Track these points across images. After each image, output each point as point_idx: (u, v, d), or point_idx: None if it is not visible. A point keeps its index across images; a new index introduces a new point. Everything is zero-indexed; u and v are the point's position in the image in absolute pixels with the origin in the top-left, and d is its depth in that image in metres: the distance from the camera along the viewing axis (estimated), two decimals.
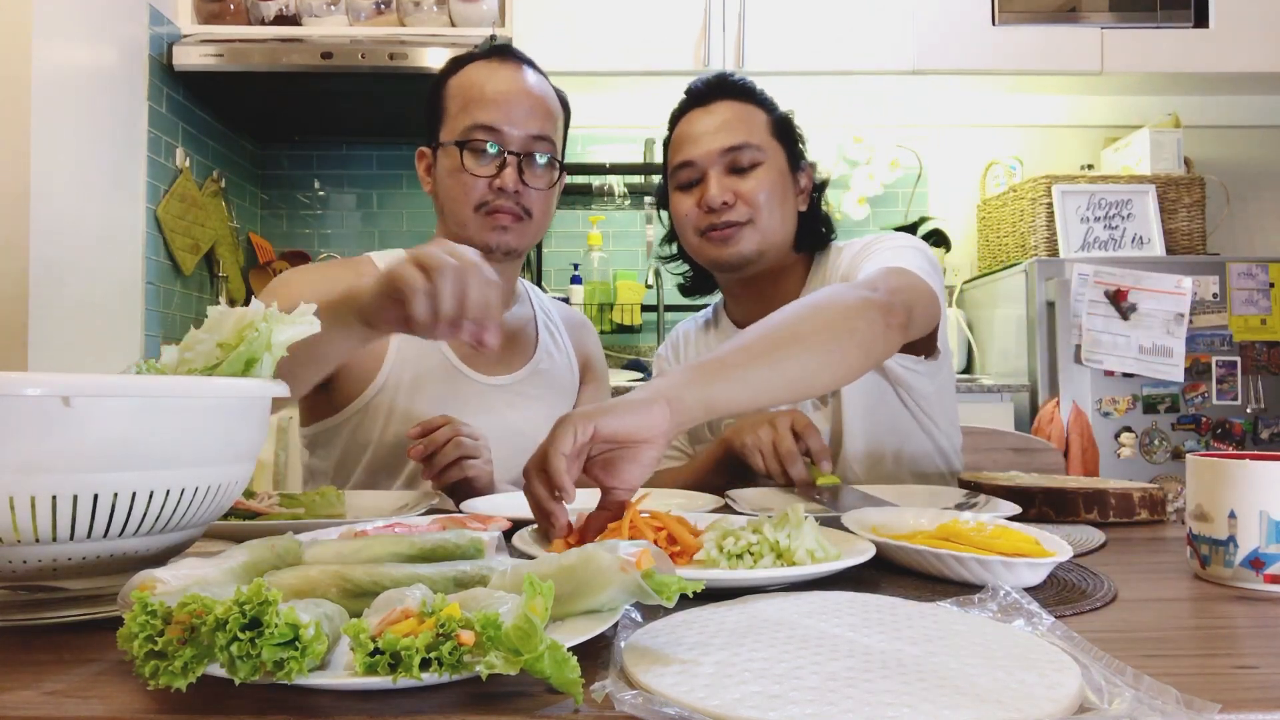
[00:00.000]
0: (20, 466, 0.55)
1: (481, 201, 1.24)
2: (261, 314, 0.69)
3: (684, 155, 1.32)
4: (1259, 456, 0.72)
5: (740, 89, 1.36)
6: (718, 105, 1.33)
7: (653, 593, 0.51)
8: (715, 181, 1.29)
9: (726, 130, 1.30)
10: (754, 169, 1.30)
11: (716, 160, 1.30)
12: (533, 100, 1.26)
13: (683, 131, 1.34)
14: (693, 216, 1.32)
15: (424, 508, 0.98)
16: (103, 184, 2.28)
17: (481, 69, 1.28)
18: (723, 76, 1.38)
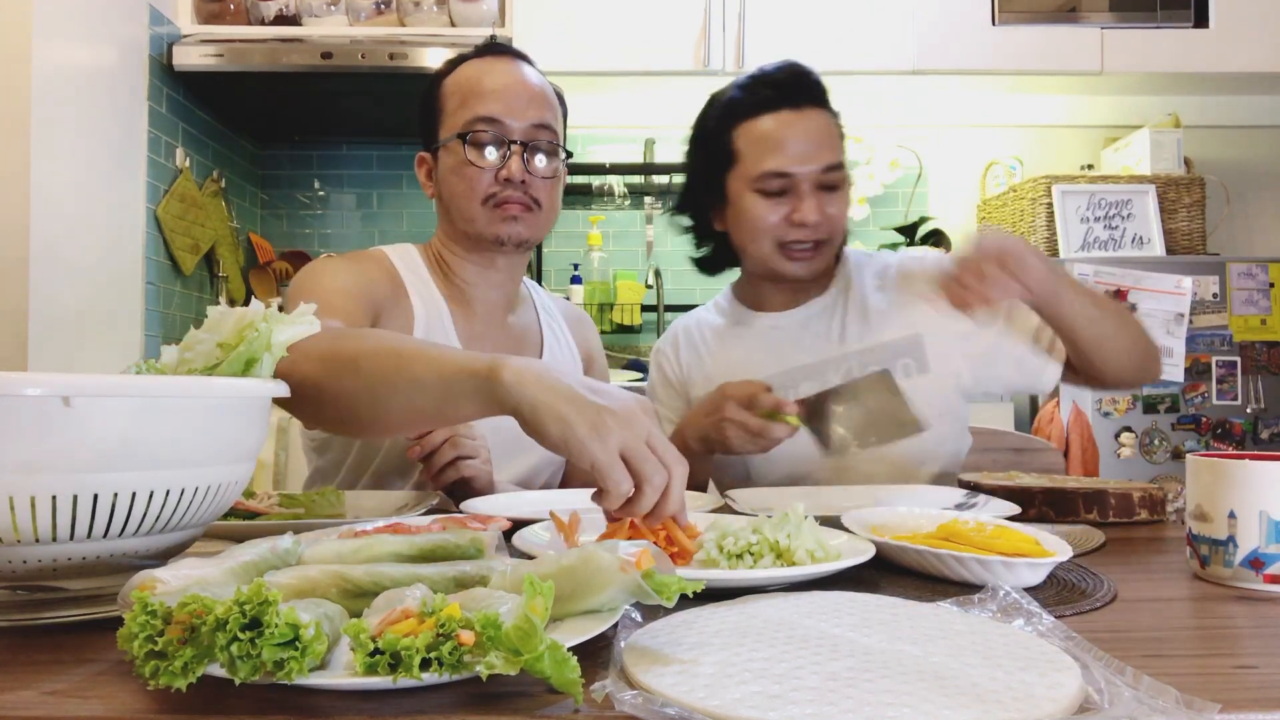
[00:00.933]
0: (20, 466, 0.55)
1: (489, 194, 1.23)
2: (261, 314, 0.70)
3: (780, 165, 1.27)
4: (1259, 456, 0.72)
5: (824, 94, 1.33)
6: (811, 113, 1.29)
7: (653, 593, 0.51)
8: (811, 200, 1.27)
9: (825, 147, 1.28)
10: (840, 188, 1.30)
11: (814, 178, 1.28)
12: (531, 91, 1.25)
13: (774, 133, 1.28)
14: (776, 229, 1.29)
15: (424, 508, 0.98)
16: (103, 184, 2.28)
17: (476, 66, 1.27)
18: (804, 72, 1.32)
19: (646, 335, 3.18)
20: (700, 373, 1.43)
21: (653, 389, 1.51)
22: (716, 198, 1.37)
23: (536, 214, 1.26)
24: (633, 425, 0.70)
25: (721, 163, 1.33)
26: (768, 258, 1.33)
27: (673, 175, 3.11)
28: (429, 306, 1.27)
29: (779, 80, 1.31)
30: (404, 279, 1.28)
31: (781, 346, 1.38)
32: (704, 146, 1.37)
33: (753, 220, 1.30)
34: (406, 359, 0.82)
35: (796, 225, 1.28)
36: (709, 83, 2.89)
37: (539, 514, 0.90)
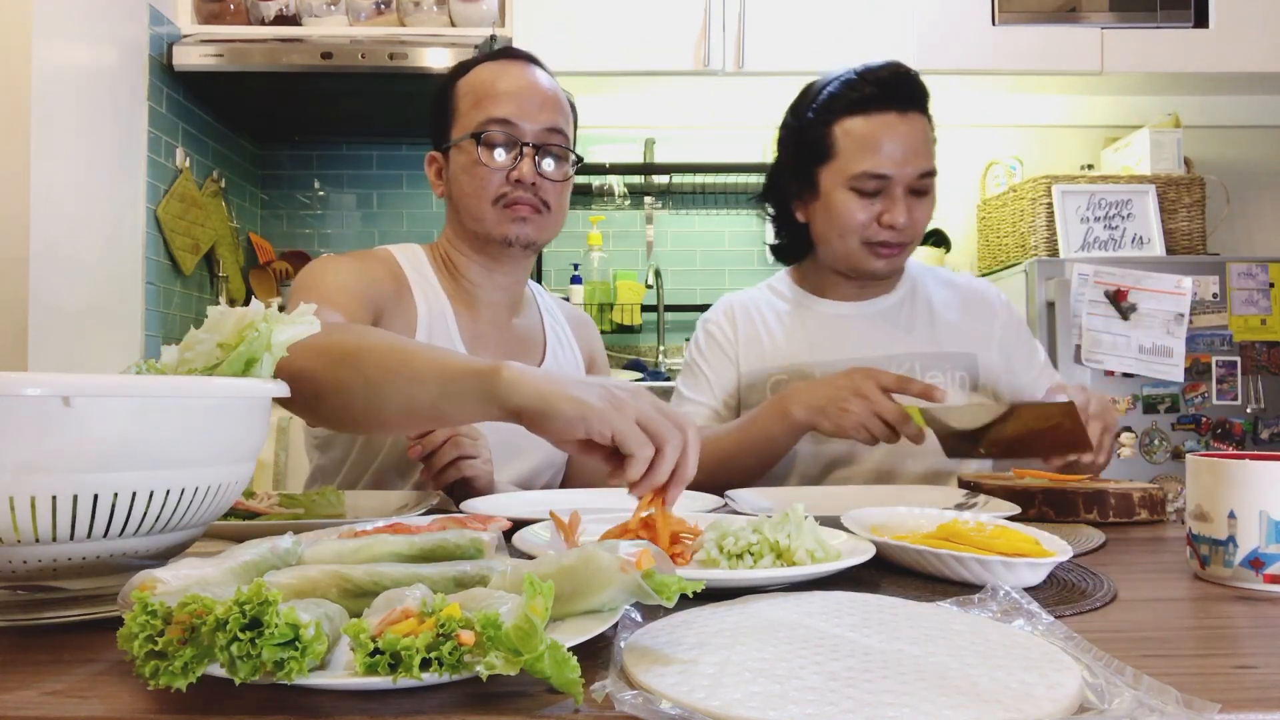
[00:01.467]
0: (20, 466, 0.55)
1: (499, 194, 1.24)
2: (261, 314, 0.70)
3: (879, 167, 1.29)
4: (1259, 456, 0.72)
5: (926, 99, 1.35)
6: (915, 117, 1.32)
7: (653, 593, 0.51)
8: (903, 204, 1.31)
9: (923, 153, 1.32)
10: (928, 194, 1.34)
11: (910, 182, 1.31)
12: (545, 95, 1.26)
13: (875, 133, 1.30)
14: (865, 228, 1.32)
15: (424, 508, 0.98)
16: (103, 184, 2.28)
17: (491, 68, 1.28)
18: (909, 74, 1.34)
19: (646, 335, 3.18)
20: (755, 348, 1.44)
21: (698, 353, 1.48)
22: (805, 189, 1.38)
23: (545, 216, 1.26)
24: (641, 396, 0.73)
25: (816, 156, 1.35)
26: (852, 254, 1.35)
27: (672, 175, 3.11)
28: (433, 306, 1.27)
29: (885, 79, 1.32)
30: (409, 278, 1.28)
31: (848, 334, 1.40)
32: (798, 137, 1.38)
33: (843, 216, 1.33)
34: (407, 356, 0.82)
35: (885, 226, 1.31)
36: (709, 83, 2.91)
37: (539, 514, 0.90)
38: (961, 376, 1.38)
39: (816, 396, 1.19)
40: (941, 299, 1.46)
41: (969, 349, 1.41)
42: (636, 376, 2.88)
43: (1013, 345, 1.45)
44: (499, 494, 1.14)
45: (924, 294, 1.45)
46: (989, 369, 1.40)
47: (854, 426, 1.14)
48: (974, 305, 1.46)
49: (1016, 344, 1.46)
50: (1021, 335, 1.47)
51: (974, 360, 1.40)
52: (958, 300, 1.46)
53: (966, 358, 1.40)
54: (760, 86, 2.95)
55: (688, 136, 3.19)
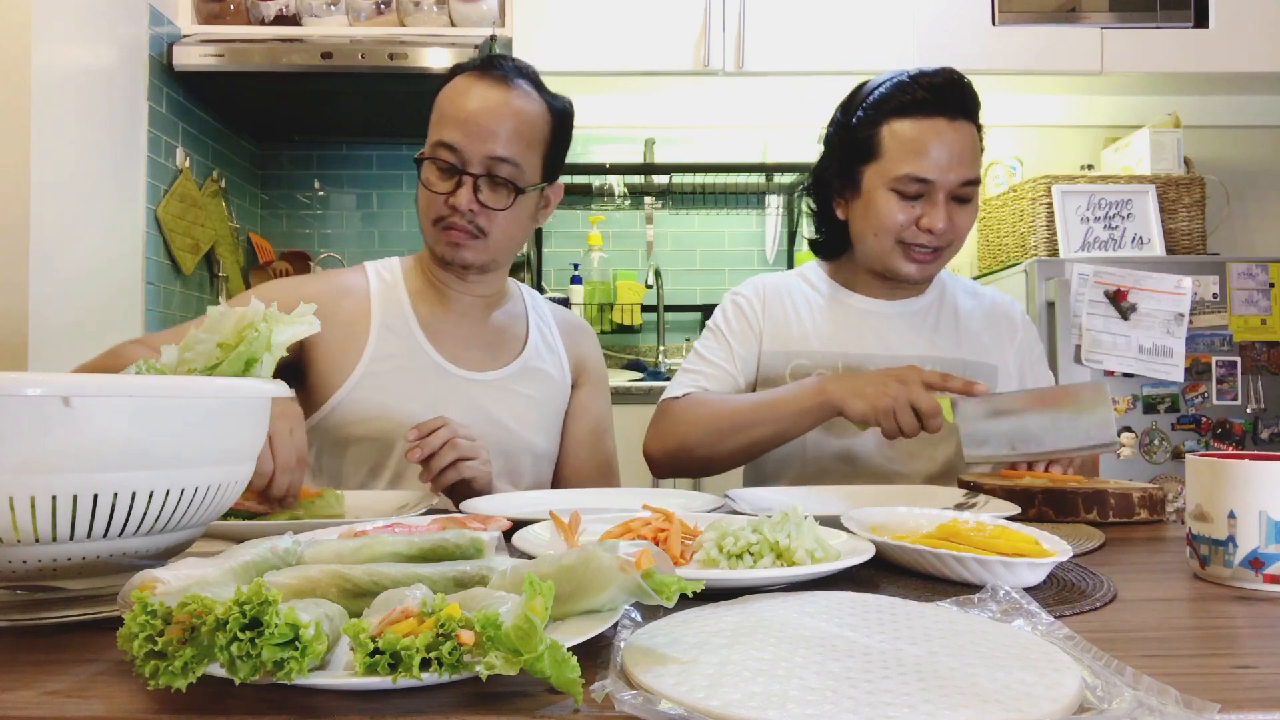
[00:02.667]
0: (20, 466, 0.55)
1: (439, 216, 1.27)
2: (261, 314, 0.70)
3: (923, 171, 1.30)
4: (1259, 456, 0.72)
5: (977, 107, 1.35)
6: (964, 125, 1.32)
7: (653, 593, 0.51)
8: (943, 209, 1.32)
9: (969, 161, 1.32)
10: (970, 201, 1.34)
11: (952, 189, 1.31)
12: (502, 120, 1.25)
13: (923, 138, 1.30)
14: (903, 229, 1.33)
15: (424, 508, 0.98)
16: (103, 184, 2.28)
17: (464, 83, 1.28)
18: (961, 81, 1.34)
19: (646, 335, 3.18)
20: (782, 330, 1.44)
21: (724, 321, 1.48)
22: (848, 186, 1.39)
23: (483, 241, 1.28)
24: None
25: (862, 154, 1.36)
26: (887, 254, 1.36)
27: (672, 175, 3.11)
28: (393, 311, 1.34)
29: (937, 85, 1.32)
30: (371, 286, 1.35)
31: (876, 330, 1.42)
32: (846, 135, 1.39)
33: (881, 216, 1.34)
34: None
35: (923, 230, 1.32)
36: (709, 83, 2.91)
37: (539, 514, 0.90)
38: None
39: (857, 380, 1.20)
40: (967, 308, 1.48)
41: (990, 360, 1.44)
42: (637, 376, 2.88)
43: (1027, 364, 1.48)
44: (498, 494, 1.14)
45: (951, 300, 1.48)
46: (1006, 383, 1.43)
47: (885, 411, 1.14)
48: (997, 319, 1.48)
49: (1032, 363, 1.49)
50: (1036, 353, 1.50)
51: (994, 372, 1.43)
52: (982, 312, 1.48)
53: (987, 368, 1.43)
54: (760, 86, 2.95)
55: (688, 136, 3.19)
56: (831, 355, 1.41)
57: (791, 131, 3.15)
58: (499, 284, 1.41)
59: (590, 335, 1.54)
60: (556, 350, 1.45)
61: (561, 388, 1.43)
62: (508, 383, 1.35)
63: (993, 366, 1.43)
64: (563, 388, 1.43)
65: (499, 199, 1.27)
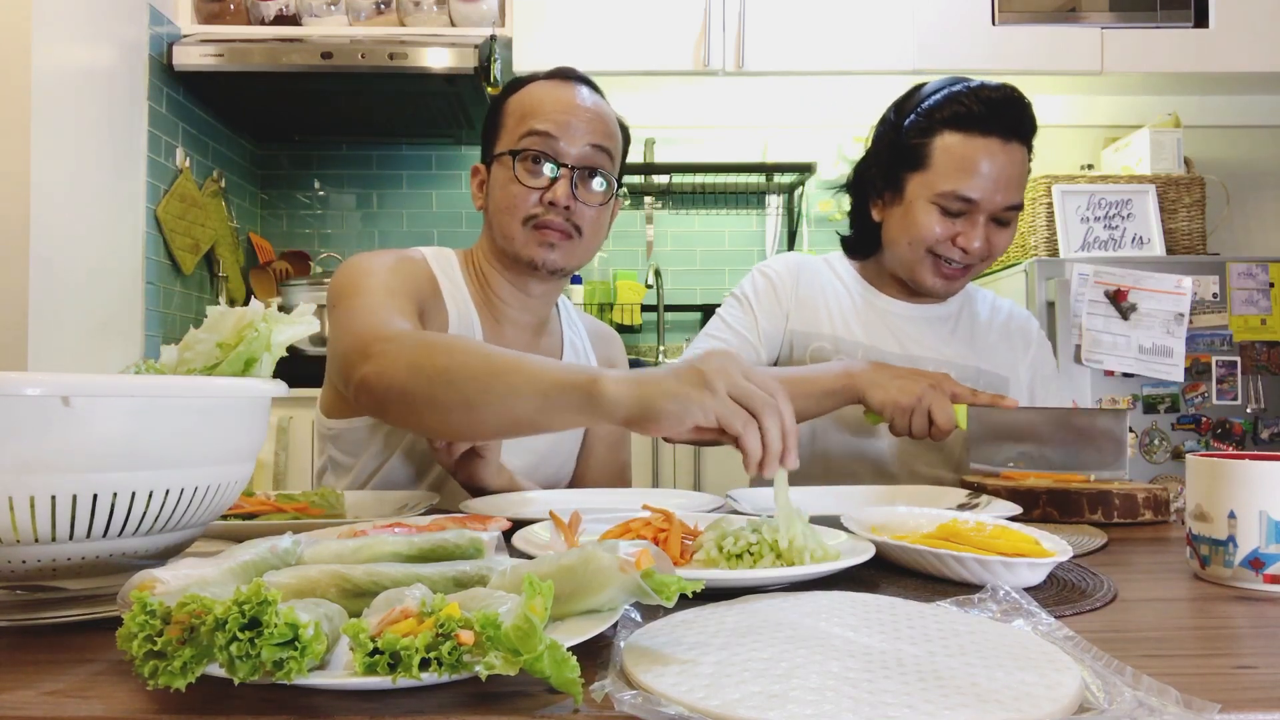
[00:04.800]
0: (20, 466, 0.55)
1: (530, 215, 1.20)
2: (261, 314, 0.70)
3: (970, 191, 1.28)
4: (1259, 456, 0.72)
5: (1033, 130, 1.33)
6: (1016, 148, 1.30)
7: (652, 593, 0.51)
8: (982, 230, 1.31)
9: (1014, 186, 1.30)
10: (1009, 225, 1.33)
11: (995, 211, 1.30)
12: (592, 116, 1.22)
13: (974, 157, 1.28)
14: (939, 242, 1.32)
15: (424, 508, 0.98)
16: (103, 184, 2.28)
17: (543, 85, 1.25)
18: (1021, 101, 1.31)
19: (647, 335, 3.18)
20: (810, 311, 1.43)
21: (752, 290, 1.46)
22: (889, 190, 1.37)
23: (575, 242, 1.22)
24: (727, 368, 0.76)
25: (909, 162, 1.33)
26: (917, 264, 1.35)
27: (672, 175, 3.11)
28: (461, 313, 1.25)
29: (995, 101, 1.29)
30: (440, 283, 1.25)
31: (898, 330, 1.43)
32: (894, 139, 1.36)
33: (920, 227, 1.32)
34: (500, 372, 0.86)
35: (958, 247, 1.31)
36: (709, 83, 2.91)
37: (539, 514, 0.90)
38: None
39: (885, 372, 1.20)
40: (985, 318, 1.49)
41: (1003, 372, 1.45)
42: None
43: (1038, 380, 1.49)
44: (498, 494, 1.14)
45: (971, 309, 1.49)
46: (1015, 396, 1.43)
47: (904, 409, 1.15)
48: (1013, 332, 1.49)
49: (1043, 380, 1.50)
50: (1048, 370, 1.51)
51: (1005, 383, 1.44)
52: (999, 323, 1.49)
53: (1000, 379, 1.44)
54: (760, 86, 2.94)
55: (688, 136, 3.19)
56: (851, 345, 1.41)
57: (791, 131, 3.15)
58: (555, 298, 1.36)
59: (618, 342, 1.52)
60: (587, 358, 1.43)
61: None
62: None
63: (1004, 378, 1.44)
64: None
65: (596, 195, 1.21)
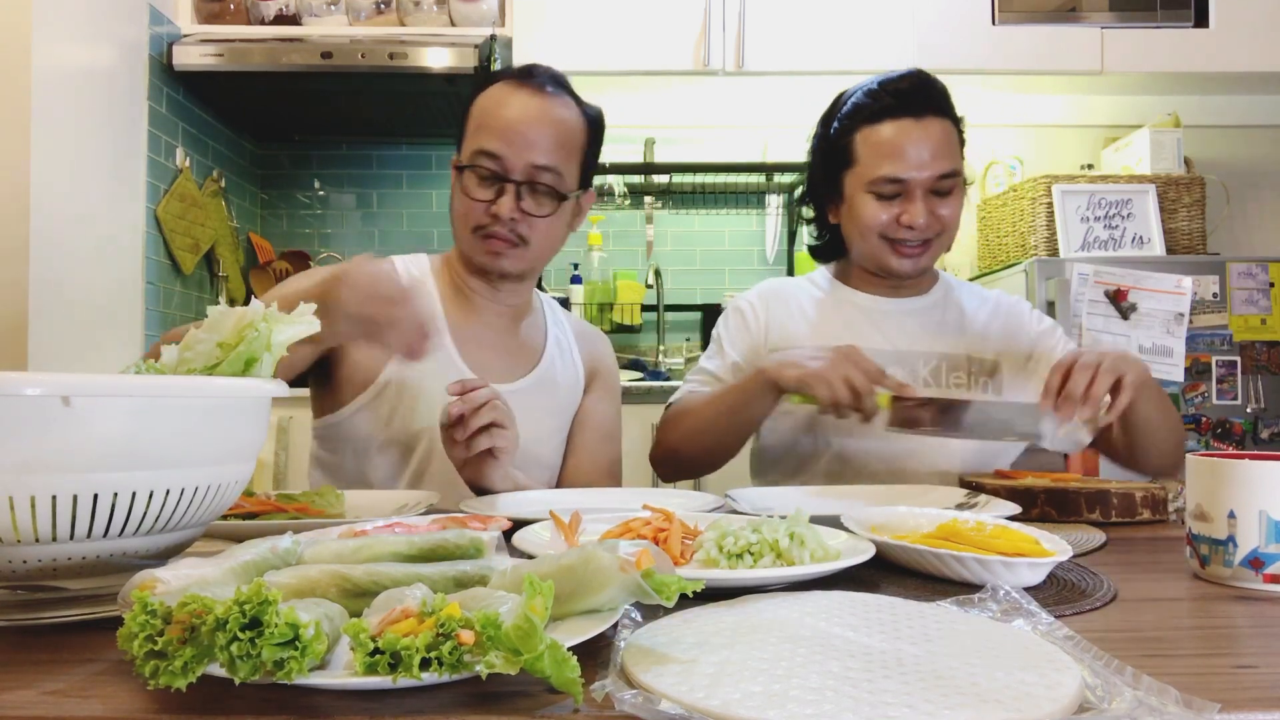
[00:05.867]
0: (20, 466, 0.55)
1: (479, 225, 1.27)
2: (261, 314, 0.70)
3: (894, 171, 1.34)
4: (1259, 456, 0.72)
5: (946, 103, 1.38)
6: (930, 121, 1.35)
7: (652, 592, 0.51)
8: (921, 204, 1.35)
9: (940, 155, 1.34)
10: (951, 192, 1.37)
11: (927, 184, 1.35)
12: (543, 129, 1.26)
13: (891, 141, 1.35)
14: (885, 227, 1.37)
15: (424, 508, 0.98)
16: (103, 184, 2.28)
17: (502, 90, 1.28)
18: (928, 82, 1.38)
19: (646, 335, 3.18)
20: (787, 330, 1.47)
21: (724, 328, 1.52)
22: (833, 193, 1.44)
23: (523, 250, 1.28)
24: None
25: (840, 163, 1.41)
26: (876, 252, 1.40)
27: (672, 175, 3.11)
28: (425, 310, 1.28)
29: (902, 89, 1.37)
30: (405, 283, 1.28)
31: (879, 326, 1.45)
32: (826, 146, 1.44)
33: (864, 219, 1.38)
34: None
35: (905, 226, 1.36)
36: (709, 83, 2.91)
37: (539, 514, 0.90)
38: (984, 381, 1.43)
39: (792, 354, 1.23)
40: (972, 308, 1.50)
41: (990, 356, 1.45)
42: (637, 376, 2.88)
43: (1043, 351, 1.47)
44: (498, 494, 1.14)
45: (956, 301, 1.50)
46: (1012, 377, 1.44)
47: (819, 376, 1.15)
48: (1004, 317, 1.50)
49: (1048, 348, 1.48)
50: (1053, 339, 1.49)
51: (997, 367, 1.44)
52: (987, 312, 1.50)
53: (990, 364, 1.44)
54: (760, 86, 2.94)
55: (688, 136, 3.19)
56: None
57: (791, 131, 3.15)
58: (528, 294, 1.41)
59: (604, 341, 1.54)
60: (571, 356, 1.45)
61: (573, 397, 1.43)
62: (524, 396, 1.34)
63: (996, 363, 1.45)
64: (574, 397, 1.44)
65: (541, 207, 1.27)
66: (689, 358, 3.17)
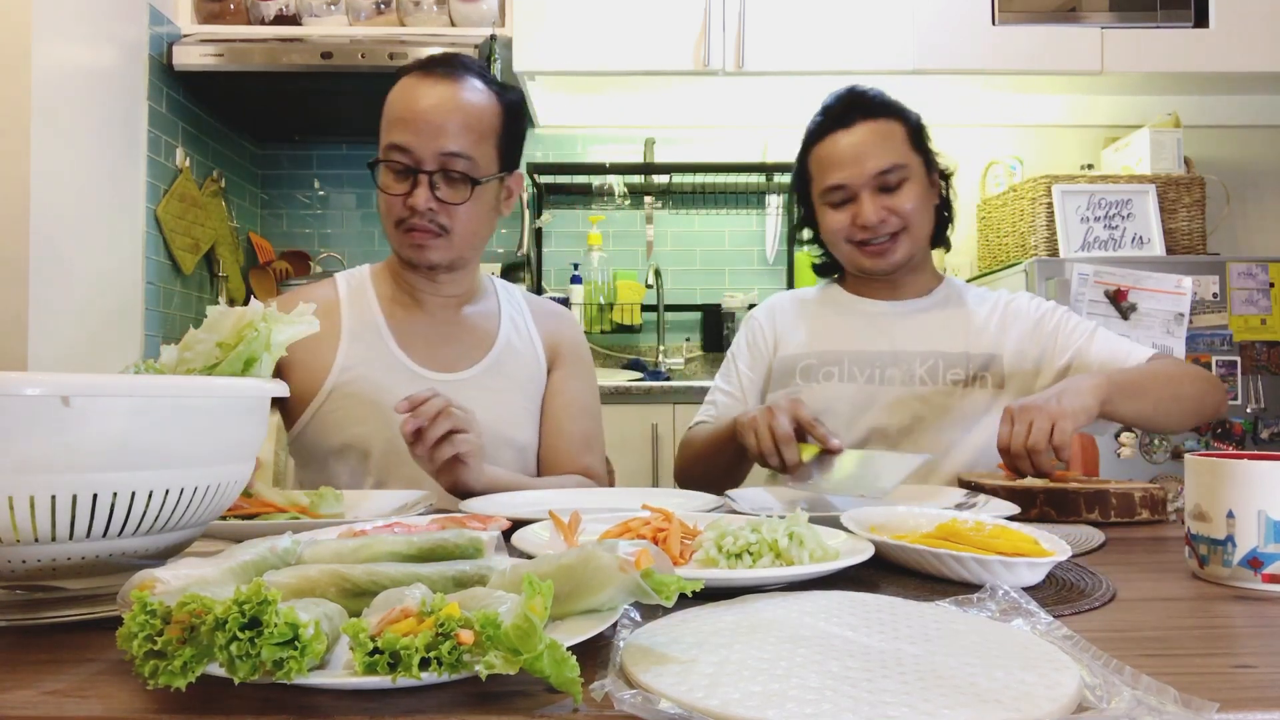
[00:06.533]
0: (20, 466, 0.55)
1: (399, 219, 1.28)
2: (260, 314, 0.70)
3: (835, 179, 1.43)
4: (1258, 456, 0.72)
5: (876, 105, 1.47)
6: (859, 126, 1.44)
7: (652, 592, 0.51)
8: (869, 203, 1.42)
9: (875, 154, 1.42)
10: (901, 185, 1.42)
11: (869, 183, 1.41)
12: (451, 116, 1.26)
13: (828, 153, 1.45)
14: (847, 232, 1.45)
15: (423, 507, 0.98)
16: (103, 184, 2.28)
17: (410, 84, 1.29)
18: (856, 93, 1.48)
19: (646, 335, 3.18)
20: (794, 336, 1.55)
21: (737, 348, 1.62)
22: (808, 212, 1.55)
23: (447, 239, 1.29)
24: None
25: (803, 183, 1.54)
26: (848, 257, 1.49)
27: (672, 175, 3.11)
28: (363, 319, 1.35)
29: (834, 107, 1.48)
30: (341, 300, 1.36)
31: (884, 329, 1.50)
32: (795, 170, 1.56)
33: (828, 229, 1.48)
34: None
35: (861, 227, 1.42)
36: (709, 83, 2.91)
37: (539, 514, 0.90)
38: (984, 376, 1.44)
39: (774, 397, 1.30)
40: (974, 305, 1.52)
41: (993, 350, 1.46)
42: (637, 376, 2.88)
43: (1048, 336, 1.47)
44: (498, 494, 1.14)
45: (957, 301, 1.53)
46: (1013, 368, 1.45)
47: (748, 428, 1.20)
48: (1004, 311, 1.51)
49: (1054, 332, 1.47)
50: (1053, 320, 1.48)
51: (997, 360, 1.45)
52: (987, 308, 1.52)
53: (991, 358, 1.46)
54: (760, 86, 2.94)
55: (688, 136, 3.19)
56: (839, 353, 1.48)
57: (791, 131, 3.12)
58: (469, 281, 1.41)
59: (568, 319, 1.54)
60: (530, 336, 1.45)
61: (536, 374, 1.43)
62: (482, 379, 1.35)
63: (996, 356, 1.46)
64: (538, 373, 1.43)
65: (456, 194, 1.28)
66: (689, 358, 3.17)
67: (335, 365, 1.30)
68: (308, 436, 1.32)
